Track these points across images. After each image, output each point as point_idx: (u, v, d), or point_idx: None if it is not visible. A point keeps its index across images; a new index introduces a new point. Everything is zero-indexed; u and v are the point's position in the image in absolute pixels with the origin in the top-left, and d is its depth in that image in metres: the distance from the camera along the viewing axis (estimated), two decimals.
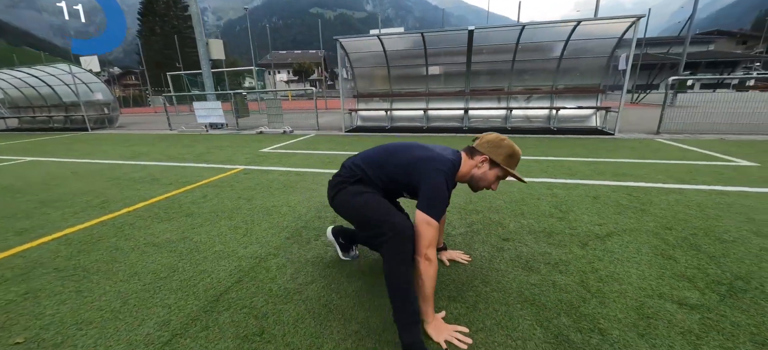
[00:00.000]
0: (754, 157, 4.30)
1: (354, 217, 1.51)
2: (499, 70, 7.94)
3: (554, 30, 7.07)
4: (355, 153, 1.74)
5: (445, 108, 8.29)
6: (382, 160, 1.52)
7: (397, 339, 1.27)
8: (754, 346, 1.23)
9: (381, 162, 1.52)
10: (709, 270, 1.73)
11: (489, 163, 1.47)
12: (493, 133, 1.53)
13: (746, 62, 38.61)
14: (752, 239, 2.06)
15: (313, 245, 2.13)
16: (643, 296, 1.54)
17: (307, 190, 3.29)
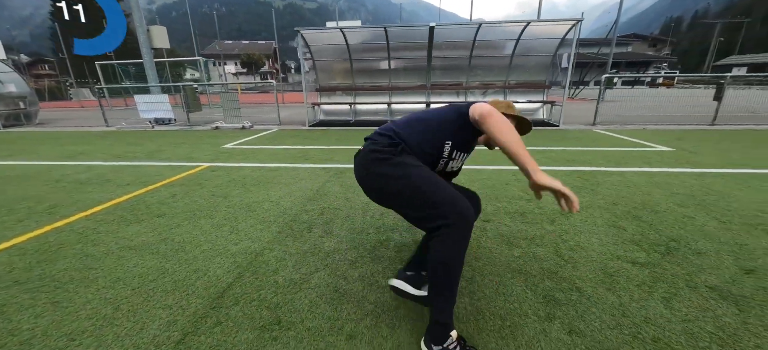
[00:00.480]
0: (669, 144, 5.11)
1: (404, 194, 1.16)
2: (458, 66, 8.36)
3: (507, 29, 7.62)
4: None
5: (409, 101, 8.52)
6: (420, 121, 1.35)
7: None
8: (689, 289, 1.55)
9: (418, 123, 1.34)
10: (649, 235, 2.10)
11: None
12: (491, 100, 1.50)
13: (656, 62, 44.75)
14: (677, 209, 2.52)
15: (308, 237, 2.15)
16: (605, 259, 1.83)
17: (285, 185, 3.24)
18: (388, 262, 1.84)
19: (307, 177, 3.54)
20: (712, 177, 3.33)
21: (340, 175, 3.57)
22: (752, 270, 1.71)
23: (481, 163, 3.89)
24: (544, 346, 1.24)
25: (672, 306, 1.44)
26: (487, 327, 1.34)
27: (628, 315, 1.40)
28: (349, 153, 4.68)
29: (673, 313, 1.40)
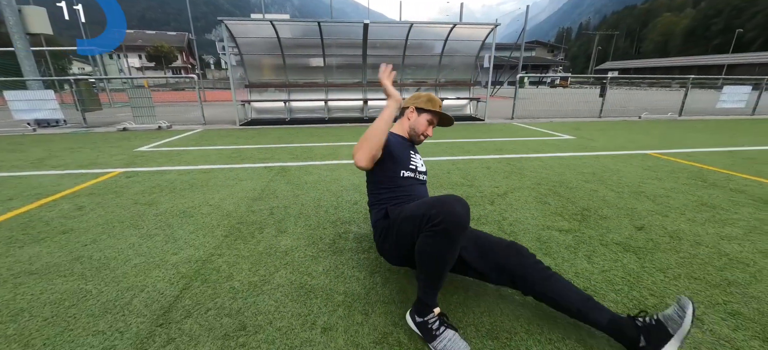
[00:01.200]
0: (571, 133, 6.05)
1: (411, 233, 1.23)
2: (392, 64, 8.59)
3: (435, 30, 8.10)
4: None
5: (345, 99, 8.49)
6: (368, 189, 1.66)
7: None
8: (602, 246, 1.89)
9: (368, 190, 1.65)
10: (568, 207, 2.48)
11: (416, 111, 1.68)
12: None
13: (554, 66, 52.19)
14: (584, 185, 3.01)
15: (260, 238, 2.02)
16: (538, 229, 2.11)
17: (224, 187, 2.98)
18: (351, 253, 1.84)
19: (248, 177, 3.30)
20: (605, 158, 4.06)
21: (284, 173, 3.41)
22: (642, 227, 2.15)
23: (424, 155, 4.10)
24: (503, 307, 1.39)
25: (593, 262, 1.74)
26: (453, 301, 1.44)
27: (563, 272, 1.64)
28: (291, 151, 4.48)
29: (594, 266, 1.69)
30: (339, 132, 6.24)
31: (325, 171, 3.52)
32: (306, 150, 4.57)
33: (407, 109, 1.72)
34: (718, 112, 9.27)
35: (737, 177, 3.27)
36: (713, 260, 1.76)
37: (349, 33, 7.84)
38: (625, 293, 1.49)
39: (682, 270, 1.66)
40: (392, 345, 1.20)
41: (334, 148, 4.73)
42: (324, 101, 8.35)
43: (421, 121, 1.68)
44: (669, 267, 1.70)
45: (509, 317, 1.33)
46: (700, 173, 3.41)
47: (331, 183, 3.09)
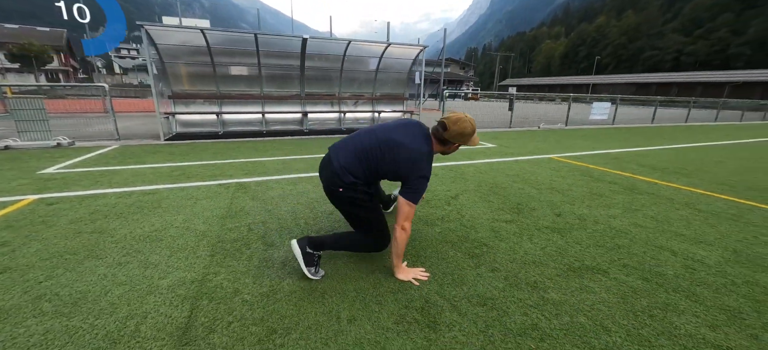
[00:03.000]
0: (492, 141, 7.10)
1: (365, 224, 1.88)
2: (331, 77, 8.79)
3: (371, 48, 8.59)
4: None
5: (284, 111, 8.34)
6: (374, 166, 1.75)
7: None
8: (537, 231, 2.46)
9: (377, 168, 1.75)
10: (506, 203, 3.07)
11: (453, 145, 1.79)
12: (457, 116, 1.73)
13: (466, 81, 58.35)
14: (512, 184, 3.71)
15: (251, 253, 2.07)
16: (490, 222, 2.61)
17: (182, 208, 2.82)
18: (346, 258, 2.03)
19: (204, 195, 3.16)
20: (522, 162, 4.97)
21: (244, 190, 3.35)
22: (559, 214, 2.82)
23: None
24: (484, 282, 1.77)
25: (534, 243, 2.27)
26: (446, 282, 1.78)
27: (517, 252, 2.12)
28: (240, 167, 4.34)
29: (536, 246, 2.22)
30: (282, 145, 6.17)
31: (286, 185, 3.56)
32: (256, 165, 4.48)
33: (449, 143, 1.76)
34: (590, 123, 11.79)
35: (611, 172, 4.40)
36: (607, 232, 2.46)
37: (286, 45, 7.79)
38: (559, 261, 2.02)
39: (591, 241, 2.30)
40: (410, 322, 1.47)
41: (285, 161, 4.72)
42: (261, 113, 8.07)
43: (454, 151, 1.88)
44: (582, 240, 2.33)
45: None
46: (587, 171, 4.47)
47: (300, 197, 3.18)
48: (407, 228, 1.71)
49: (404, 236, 1.71)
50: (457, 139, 1.72)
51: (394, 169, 1.73)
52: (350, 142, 1.84)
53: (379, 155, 1.73)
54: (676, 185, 3.88)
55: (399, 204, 1.70)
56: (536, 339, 1.38)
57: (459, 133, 1.70)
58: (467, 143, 1.75)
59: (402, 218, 1.69)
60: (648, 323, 1.50)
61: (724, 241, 2.38)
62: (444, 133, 1.72)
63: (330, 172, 1.80)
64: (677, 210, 3.01)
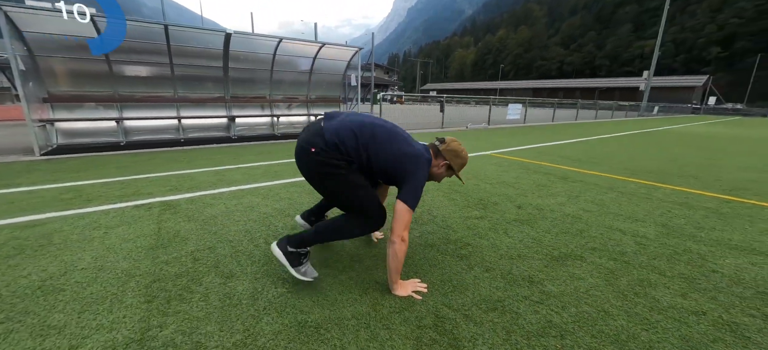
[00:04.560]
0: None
1: (344, 201, 1.64)
2: (260, 79, 8.04)
3: (304, 49, 8.13)
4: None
5: (206, 116, 7.30)
6: (370, 147, 1.55)
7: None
8: (507, 224, 2.51)
9: (370, 150, 1.56)
10: (470, 200, 3.11)
11: (447, 167, 1.72)
12: (456, 140, 1.77)
13: (391, 85, 60.43)
14: (469, 182, 3.81)
15: (206, 291, 1.62)
16: (462, 219, 2.59)
17: (87, 242, 2.13)
18: (327, 279, 1.75)
19: (118, 222, 2.47)
20: (478, 158, 5.18)
21: (172, 210, 2.73)
22: (520, 206, 2.96)
23: None
24: (484, 285, 1.69)
25: (511, 236, 2.31)
26: (447, 290, 1.64)
27: (500, 248, 2.12)
28: (161, 182, 3.57)
29: (513, 239, 2.25)
30: (209, 154, 5.36)
31: (228, 200, 3.03)
32: (181, 179, 3.75)
33: (442, 157, 1.71)
34: (507, 122, 13.19)
35: (543, 165, 4.88)
36: (566, 220, 2.65)
37: (205, 41, 6.84)
38: (540, 252, 2.07)
39: (557, 229, 2.44)
40: (429, 344, 1.29)
41: (218, 172, 4.07)
42: (176, 119, 6.91)
43: (444, 175, 1.77)
44: (550, 229, 2.45)
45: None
46: (524, 165, 4.88)
47: (249, 212, 2.72)
48: (407, 239, 1.53)
49: (404, 248, 1.52)
50: (449, 157, 1.70)
51: (395, 162, 1.56)
52: (349, 117, 1.64)
53: (383, 138, 1.59)
54: (595, 172, 4.49)
55: (397, 212, 1.51)
56: (557, 337, 1.34)
57: (454, 152, 1.71)
58: (455, 166, 1.71)
59: (401, 227, 1.50)
60: (637, 301, 1.60)
61: (651, 217, 2.77)
62: (440, 146, 1.73)
63: (313, 131, 1.59)
64: (606, 194, 3.44)
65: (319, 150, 1.52)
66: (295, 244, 1.62)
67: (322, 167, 1.53)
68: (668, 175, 4.42)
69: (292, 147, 1.64)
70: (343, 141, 1.53)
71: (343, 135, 1.54)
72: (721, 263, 2.00)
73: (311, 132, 1.59)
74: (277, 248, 1.63)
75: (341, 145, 1.53)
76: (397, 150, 1.58)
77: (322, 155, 1.51)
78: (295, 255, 1.62)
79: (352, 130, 1.56)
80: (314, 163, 1.54)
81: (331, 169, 1.53)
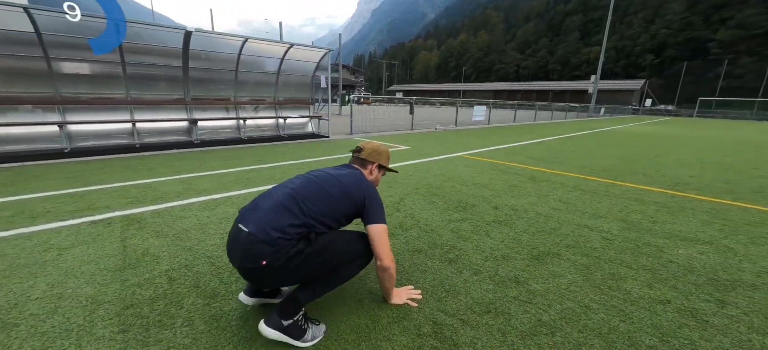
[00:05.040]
0: (404, 143, 7.42)
1: (328, 267, 1.39)
2: (223, 79, 7.63)
3: (271, 49, 7.85)
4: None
5: (164, 119, 6.78)
6: (312, 210, 1.37)
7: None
8: (487, 225, 2.61)
9: (314, 212, 1.37)
10: (449, 203, 3.19)
11: (377, 167, 1.74)
12: (369, 142, 1.81)
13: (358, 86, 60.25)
14: (445, 184, 3.90)
15: (186, 315, 1.51)
16: (445, 222, 2.64)
17: (39, 266, 1.89)
18: None
19: (74, 242, 2.22)
20: (441, 161, 5.33)
21: (137, 225, 2.51)
22: (497, 207, 3.09)
23: None
24: (475, 288, 1.74)
25: (492, 236, 2.40)
26: (440, 295, 1.67)
27: (484, 250, 2.19)
28: (114, 194, 3.26)
29: (495, 240, 2.34)
30: (170, 161, 4.99)
31: (200, 211, 2.84)
32: (143, 189, 3.45)
33: (371, 164, 1.71)
34: (473, 123, 13.70)
35: (512, 165, 5.13)
36: (539, 219, 2.81)
37: (162, 39, 6.36)
38: (521, 252, 2.18)
39: (533, 229, 2.58)
40: None
41: (185, 181, 3.80)
42: (130, 122, 6.35)
43: (379, 177, 1.76)
44: (526, 229, 2.58)
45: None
46: (494, 165, 5.10)
47: (224, 224, 2.57)
48: (391, 255, 1.46)
49: (393, 265, 1.47)
50: (374, 158, 1.72)
51: (345, 200, 1.45)
52: (264, 198, 1.42)
53: (317, 186, 1.45)
54: (558, 172, 4.80)
55: (375, 236, 1.43)
56: (548, 335, 1.42)
57: (375, 151, 1.73)
58: (384, 161, 1.74)
59: (382, 246, 1.42)
60: (611, 294, 1.73)
61: (612, 214, 3.02)
62: (361, 154, 1.71)
63: (244, 244, 1.26)
64: (571, 193, 3.69)
65: (269, 257, 1.24)
66: (288, 314, 1.33)
67: (290, 265, 1.27)
68: (621, 173, 4.84)
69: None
70: (283, 227, 1.28)
71: (279, 220, 1.30)
72: (676, 253, 2.23)
73: (243, 246, 1.27)
74: (270, 329, 1.32)
75: (288, 234, 1.28)
76: (338, 190, 1.47)
77: (278, 256, 1.25)
78: (296, 325, 1.33)
79: (283, 205, 1.35)
80: (279, 271, 1.27)
81: (298, 258, 1.28)
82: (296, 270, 1.30)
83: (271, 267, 1.24)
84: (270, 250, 1.23)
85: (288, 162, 5.07)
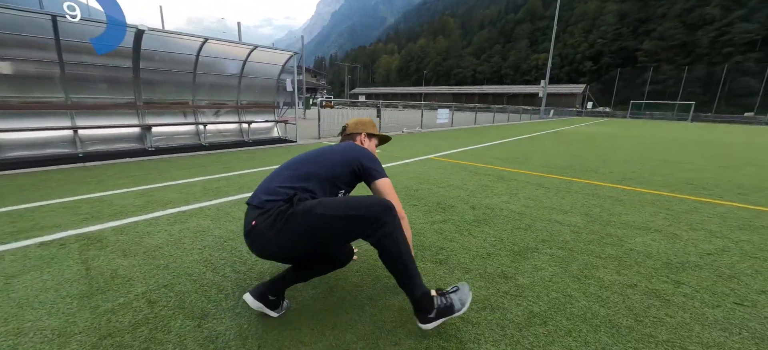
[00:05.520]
0: None
1: (328, 230, 1.29)
2: (179, 82, 7.13)
3: (232, 50, 7.49)
4: None
5: (111, 125, 6.17)
6: (310, 171, 1.49)
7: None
8: (469, 225, 2.72)
9: (310, 172, 1.49)
10: (429, 205, 3.27)
11: (367, 137, 1.86)
12: (351, 120, 1.94)
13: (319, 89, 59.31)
14: (421, 186, 3.99)
15: (176, 339, 1.40)
16: (429, 224, 2.72)
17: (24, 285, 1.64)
18: (321, 300, 1.67)
19: (22, 268, 1.94)
20: (413, 164, 5.44)
21: (98, 244, 2.26)
22: (474, 207, 3.23)
23: None
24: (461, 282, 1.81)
25: (475, 237, 2.51)
26: None
27: (470, 249, 2.29)
28: (62, 210, 2.91)
29: (477, 239, 2.46)
30: (125, 171, 4.55)
31: (169, 225, 2.64)
32: (97, 203, 3.12)
33: (358, 135, 1.84)
34: (437, 126, 14.12)
35: (481, 166, 5.38)
36: (514, 216, 2.99)
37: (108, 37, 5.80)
38: (503, 249, 2.31)
39: (510, 226, 2.74)
40: None
41: (146, 193, 3.50)
42: (71, 129, 5.69)
43: (372, 145, 1.85)
44: (504, 226, 2.73)
45: None
46: (464, 167, 5.32)
47: (200, 238, 2.41)
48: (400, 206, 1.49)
49: (404, 213, 1.49)
50: (359, 128, 1.86)
51: (337, 156, 1.57)
52: (270, 178, 1.50)
53: (313, 154, 1.60)
54: (523, 171, 5.13)
55: (384, 189, 1.52)
56: (541, 325, 1.52)
57: (359, 123, 1.88)
58: (369, 129, 1.86)
59: (394, 196, 1.52)
60: (588, 282, 1.90)
61: (576, 208, 3.30)
62: (346, 131, 1.89)
63: (245, 217, 1.41)
64: (537, 190, 3.97)
65: (258, 218, 1.32)
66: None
67: (274, 226, 1.28)
68: (576, 170, 5.30)
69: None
70: (275, 189, 1.40)
71: (271, 185, 1.43)
72: (634, 242, 2.50)
73: (245, 219, 1.41)
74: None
75: (277, 194, 1.37)
76: (333, 153, 1.59)
77: (265, 217, 1.31)
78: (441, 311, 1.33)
79: (285, 178, 1.45)
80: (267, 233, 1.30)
81: (280, 219, 1.28)
82: (281, 233, 1.28)
83: (260, 229, 1.31)
84: (258, 212, 1.34)
85: (258, 168, 4.86)
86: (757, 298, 1.79)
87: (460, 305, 1.32)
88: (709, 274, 2.04)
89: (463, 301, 1.33)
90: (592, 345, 1.40)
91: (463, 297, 1.35)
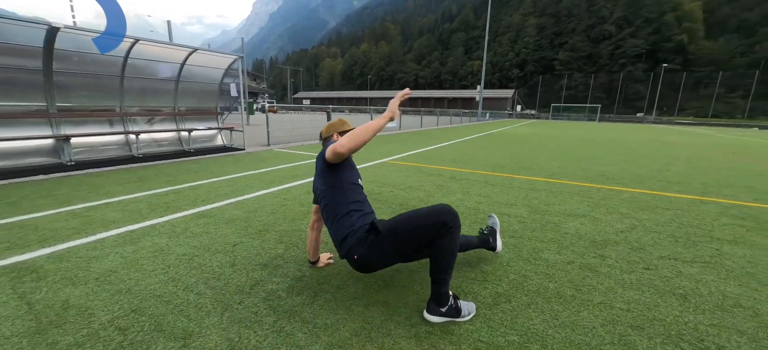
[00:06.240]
0: None
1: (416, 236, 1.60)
2: (105, 86, 6.33)
3: (168, 52, 6.89)
4: None
5: (18, 137, 5.24)
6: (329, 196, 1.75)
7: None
8: None
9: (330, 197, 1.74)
10: (392, 207, 3.45)
11: (339, 135, 1.94)
12: (324, 125, 2.04)
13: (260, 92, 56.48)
14: (383, 189, 4.16)
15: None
16: None
17: None
18: (322, 302, 1.72)
19: None
20: (371, 167, 5.59)
21: (33, 274, 1.99)
22: None
23: (244, 190, 3.72)
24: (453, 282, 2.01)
25: None
26: (414, 288, 1.88)
27: None
28: None
29: None
30: (42, 189, 3.93)
31: (119, 246, 2.40)
32: (17, 229, 2.68)
33: (331, 139, 1.93)
34: (387, 130, 14.49)
35: (434, 168, 5.74)
36: (474, 214, 3.31)
37: (11, 35, 4.95)
38: None
39: (468, 220, 3.03)
40: (425, 336, 1.49)
41: (77, 213, 3.10)
42: None
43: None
44: (463, 222, 3.02)
45: None
46: (419, 169, 5.63)
47: (161, 257, 2.25)
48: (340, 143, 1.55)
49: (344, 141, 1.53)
50: (330, 131, 1.96)
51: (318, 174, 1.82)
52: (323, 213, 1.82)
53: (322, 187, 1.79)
54: (471, 171, 5.60)
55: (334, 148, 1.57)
56: (506, 302, 1.77)
57: (328, 127, 1.98)
58: (339, 128, 1.95)
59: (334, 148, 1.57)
60: (537, 263, 2.23)
61: (522, 202, 3.75)
62: (322, 138, 2.02)
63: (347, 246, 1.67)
64: (485, 187, 4.40)
65: (358, 250, 1.61)
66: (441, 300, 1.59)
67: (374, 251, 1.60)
68: (515, 168, 5.95)
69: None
70: (340, 222, 1.70)
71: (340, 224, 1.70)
72: (568, 226, 2.96)
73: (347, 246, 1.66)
74: (436, 315, 1.60)
75: (344, 225, 1.68)
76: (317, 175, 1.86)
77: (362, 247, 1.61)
78: (450, 310, 1.59)
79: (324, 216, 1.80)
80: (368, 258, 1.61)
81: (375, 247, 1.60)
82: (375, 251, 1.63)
83: (362, 257, 1.64)
84: (352, 243, 1.66)
85: (210, 180, 4.57)
86: (658, 263, 2.28)
87: (467, 313, 1.62)
88: (624, 248, 2.53)
89: (469, 311, 1.64)
90: (547, 312, 1.69)
91: (471, 309, 1.65)
